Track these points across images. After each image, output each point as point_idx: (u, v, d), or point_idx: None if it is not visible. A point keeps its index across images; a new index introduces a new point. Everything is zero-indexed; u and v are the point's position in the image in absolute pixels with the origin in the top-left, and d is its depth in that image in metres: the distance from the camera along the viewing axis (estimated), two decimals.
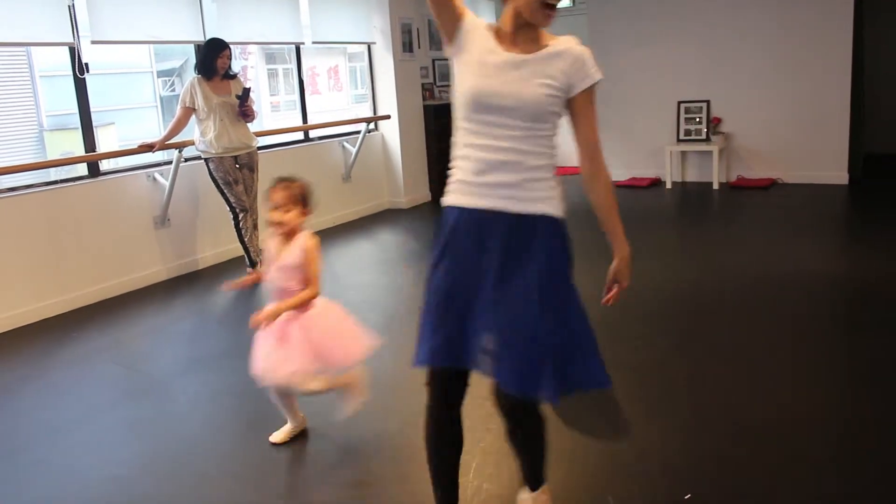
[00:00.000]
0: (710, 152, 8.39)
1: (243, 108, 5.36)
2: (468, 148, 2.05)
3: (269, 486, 2.75)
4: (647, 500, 2.49)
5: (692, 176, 8.85)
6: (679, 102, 8.64)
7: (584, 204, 2.12)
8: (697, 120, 8.55)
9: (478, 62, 2.02)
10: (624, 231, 2.15)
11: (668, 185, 8.61)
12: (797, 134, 8.12)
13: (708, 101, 8.50)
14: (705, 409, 3.12)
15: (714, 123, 8.45)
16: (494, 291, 2.01)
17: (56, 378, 3.98)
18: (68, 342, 4.52)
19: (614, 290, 2.18)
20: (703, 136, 8.50)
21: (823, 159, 8.05)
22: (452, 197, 2.09)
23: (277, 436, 3.06)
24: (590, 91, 2.04)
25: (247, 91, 5.39)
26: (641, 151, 9.01)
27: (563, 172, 3.69)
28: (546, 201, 2.05)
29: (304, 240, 2.89)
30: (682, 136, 8.66)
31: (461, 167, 2.07)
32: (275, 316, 2.86)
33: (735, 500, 2.46)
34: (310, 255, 2.88)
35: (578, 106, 2.05)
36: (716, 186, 8.31)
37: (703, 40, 8.44)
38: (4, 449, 3.17)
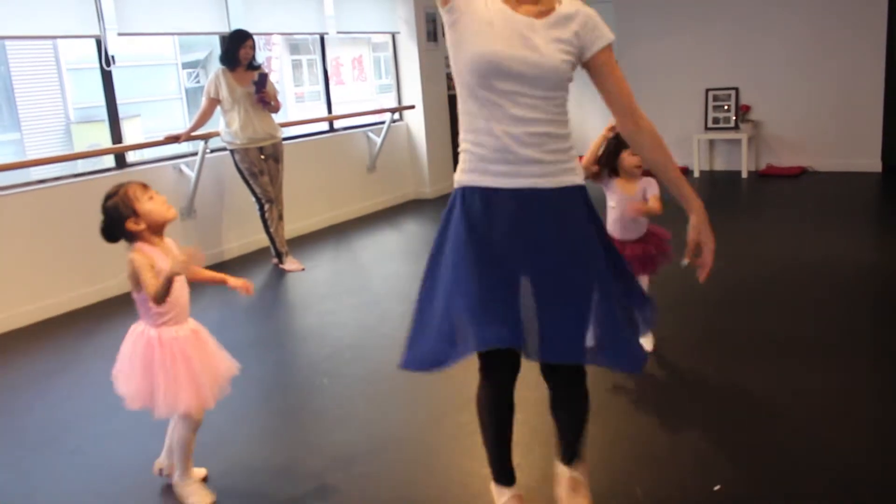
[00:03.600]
0: (739, 140, 8.27)
1: (260, 95, 5.34)
2: (488, 122, 1.92)
3: (299, 476, 2.74)
4: (676, 491, 2.45)
5: (720, 164, 8.74)
6: (707, 90, 8.52)
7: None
8: (726, 108, 8.43)
9: (487, 22, 1.88)
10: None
11: (696, 174, 8.50)
12: (828, 121, 7.98)
13: (736, 89, 8.38)
14: (734, 400, 3.07)
15: (743, 111, 8.33)
16: (545, 270, 1.93)
17: (86, 369, 4.01)
18: (98, 333, 4.55)
19: (705, 256, 2.01)
20: (732, 124, 8.38)
21: (856, 146, 7.90)
22: (475, 177, 1.96)
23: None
24: (607, 50, 1.94)
25: (263, 77, 5.36)
26: (669, 139, 8.69)
27: None
28: (574, 172, 1.99)
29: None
30: (710, 125, 8.55)
31: (483, 144, 1.94)
32: None
33: (765, 491, 2.42)
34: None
35: (600, 66, 1.95)
36: (744, 175, 8.19)
37: (732, 26, 8.32)
38: (37, 440, 3.19)
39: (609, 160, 3.34)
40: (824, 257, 4.95)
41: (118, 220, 2.44)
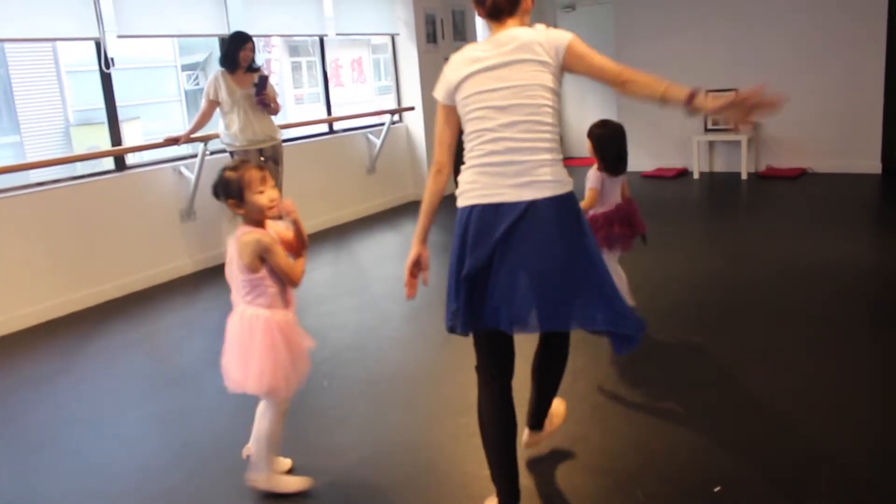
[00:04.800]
0: (739, 142, 8.27)
1: (260, 97, 5.34)
2: None
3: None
4: (676, 493, 2.45)
5: (720, 166, 8.73)
6: (706, 91, 8.48)
7: None
8: None
9: None
10: None
11: (696, 176, 8.50)
12: (828, 122, 7.97)
13: (736, 90, 8.34)
14: (734, 402, 3.07)
15: None
16: None
17: (85, 371, 4.01)
18: (97, 335, 4.54)
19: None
20: (731, 126, 8.37)
21: (855, 148, 7.90)
22: None
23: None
24: None
25: (263, 79, 5.36)
26: (668, 141, 8.90)
27: (590, 163, 3.69)
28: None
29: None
30: (709, 126, 8.55)
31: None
32: None
33: (765, 493, 2.42)
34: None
35: None
36: (744, 176, 8.19)
37: (731, 27, 8.32)
38: (36, 441, 3.19)
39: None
40: (824, 259, 4.95)
41: (224, 192, 2.55)
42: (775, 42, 8.10)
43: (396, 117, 8.07)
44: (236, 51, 5.32)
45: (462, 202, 2.26)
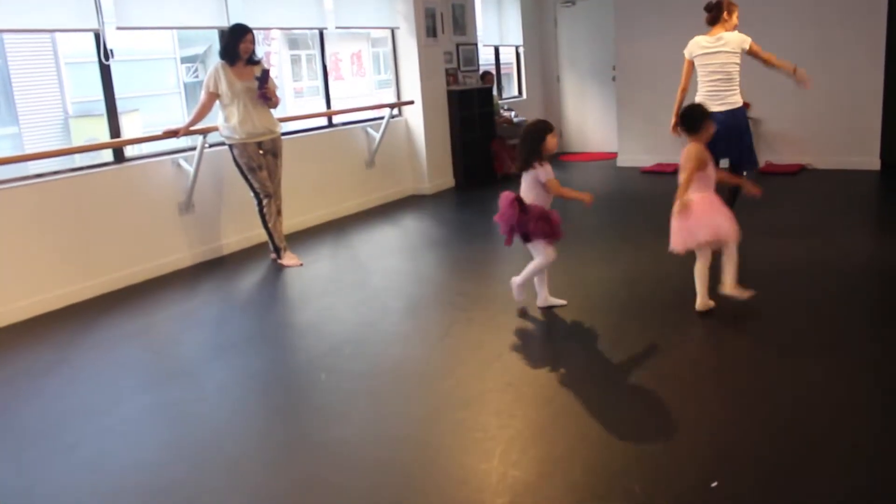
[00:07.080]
0: None
1: (262, 91, 5.33)
2: None
3: (296, 471, 2.74)
4: (674, 488, 2.46)
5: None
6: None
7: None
8: None
9: None
10: None
11: None
12: (827, 118, 7.97)
13: None
14: (733, 397, 3.08)
15: None
16: None
17: (83, 363, 4.01)
18: (95, 327, 4.54)
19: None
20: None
21: (855, 144, 7.90)
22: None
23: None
24: None
25: (265, 73, 5.35)
26: (667, 137, 8.77)
27: (589, 158, 3.69)
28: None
29: None
30: None
31: None
32: None
33: (762, 488, 2.42)
34: None
35: None
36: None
37: None
38: (34, 434, 3.19)
39: (536, 149, 3.95)
40: (823, 255, 4.95)
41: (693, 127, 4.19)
42: (775, 38, 8.05)
43: (396, 111, 8.05)
44: (236, 43, 5.30)
45: None
